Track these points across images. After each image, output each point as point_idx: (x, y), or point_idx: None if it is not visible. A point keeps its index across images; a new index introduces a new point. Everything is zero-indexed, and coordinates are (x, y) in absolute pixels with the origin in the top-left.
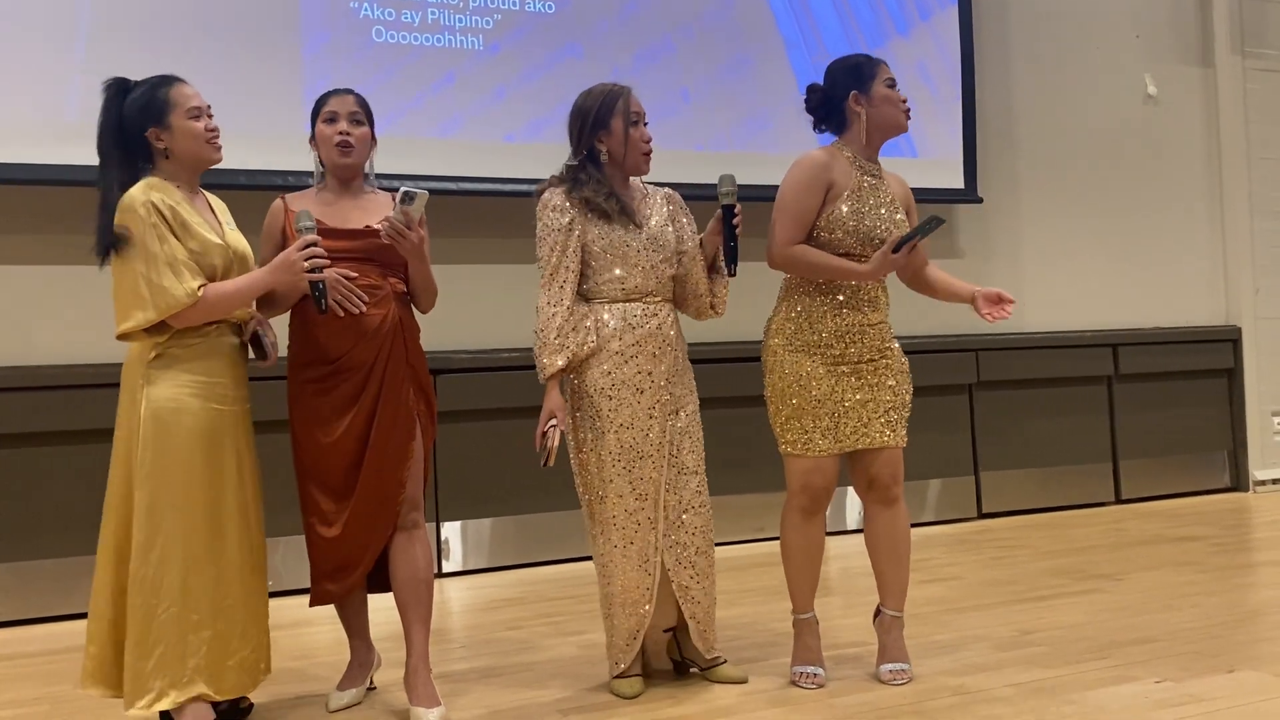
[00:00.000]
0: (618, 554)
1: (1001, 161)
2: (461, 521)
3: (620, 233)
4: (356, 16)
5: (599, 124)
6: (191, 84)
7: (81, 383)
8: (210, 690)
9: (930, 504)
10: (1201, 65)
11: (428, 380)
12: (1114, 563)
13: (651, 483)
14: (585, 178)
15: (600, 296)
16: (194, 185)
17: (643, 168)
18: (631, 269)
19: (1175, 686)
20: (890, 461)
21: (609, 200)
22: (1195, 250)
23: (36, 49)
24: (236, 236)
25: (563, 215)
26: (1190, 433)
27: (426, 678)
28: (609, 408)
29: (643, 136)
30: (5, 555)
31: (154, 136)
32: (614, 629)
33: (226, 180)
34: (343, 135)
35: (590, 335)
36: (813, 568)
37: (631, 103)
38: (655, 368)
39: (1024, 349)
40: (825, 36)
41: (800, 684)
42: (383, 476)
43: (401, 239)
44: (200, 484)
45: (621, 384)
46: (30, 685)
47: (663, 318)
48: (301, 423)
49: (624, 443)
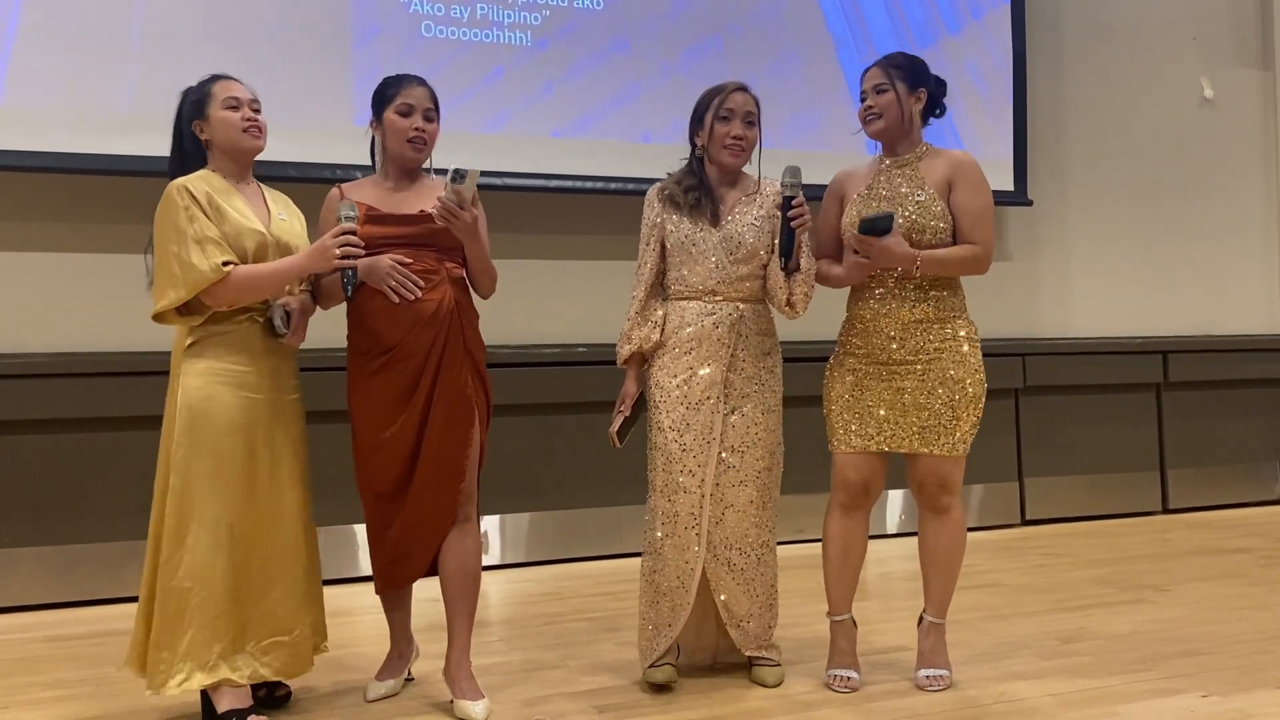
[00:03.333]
0: (658, 544)
1: (1052, 163)
2: (500, 516)
3: (693, 229)
4: (406, 11)
5: (697, 121)
6: (243, 81)
7: (132, 369)
8: (235, 676)
9: (974, 509)
10: (1260, 68)
11: (484, 366)
12: (1160, 573)
13: (694, 478)
14: (683, 172)
15: (672, 293)
16: (242, 175)
17: (727, 161)
18: (698, 267)
19: (1222, 701)
20: (934, 470)
21: (687, 194)
22: (1250, 257)
23: (93, 41)
24: (286, 227)
25: (650, 209)
26: (1241, 442)
27: (469, 671)
28: (660, 400)
29: (729, 132)
30: (54, 538)
31: (198, 129)
32: (645, 619)
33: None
34: (418, 131)
35: (655, 330)
36: (849, 567)
37: (728, 99)
38: (705, 367)
39: (1072, 354)
40: (874, 35)
41: (834, 687)
42: (442, 463)
43: (455, 219)
44: (230, 472)
45: (670, 379)
46: (76, 666)
47: (720, 317)
48: (360, 411)
49: (668, 437)
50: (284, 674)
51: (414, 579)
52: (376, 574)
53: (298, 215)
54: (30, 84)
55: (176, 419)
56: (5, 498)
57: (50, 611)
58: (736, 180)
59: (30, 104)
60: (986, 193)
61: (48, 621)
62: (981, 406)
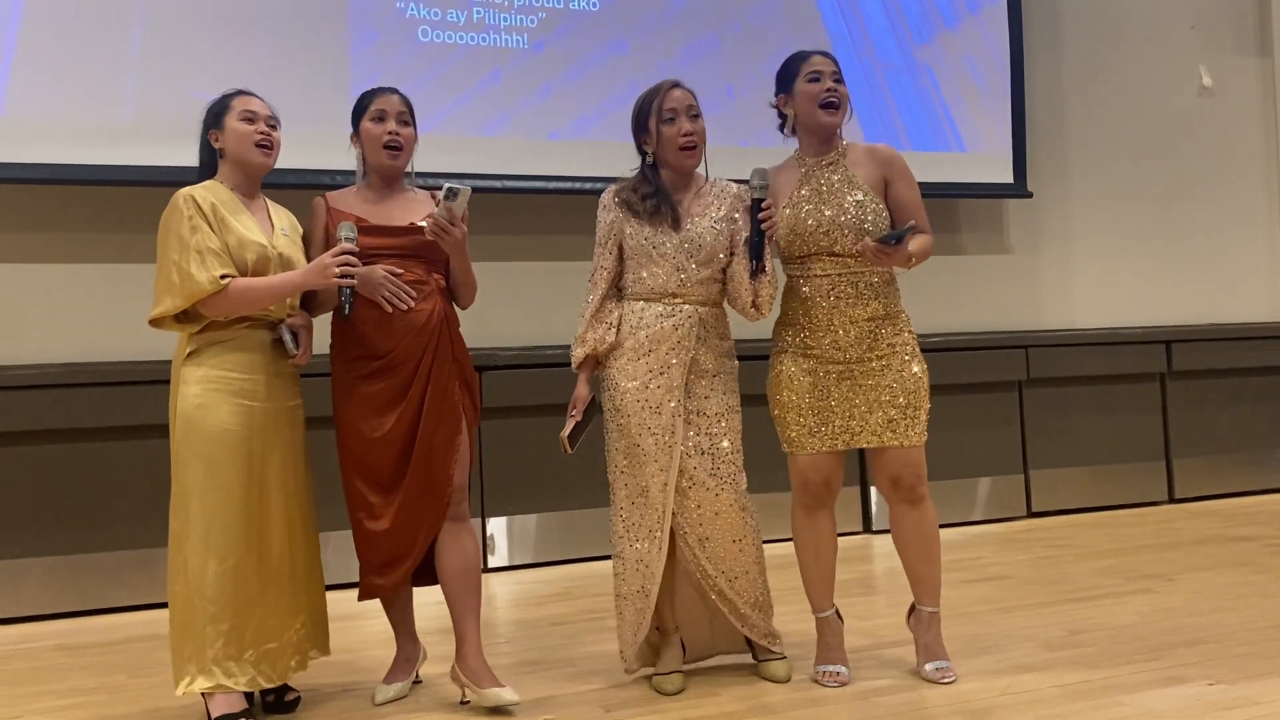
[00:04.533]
0: (621, 545)
1: (1052, 155)
2: (507, 517)
3: (652, 233)
4: (403, 16)
5: (640, 128)
6: (262, 98)
7: (142, 379)
8: (228, 681)
9: (979, 502)
10: (1259, 56)
11: (472, 374)
12: (1166, 563)
13: (655, 479)
14: (637, 178)
15: (630, 294)
16: (250, 189)
17: (685, 163)
18: (657, 269)
19: (1228, 689)
20: (908, 461)
21: (644, 201)
22: (1251, 245)
23: (93, 53)
24: (287, 243)
25: (607, 213)
26: (1246, 431)
27: (486, 662)
28: (618, 403)
29: (679, 131)
30: (66, 547)
31: (214, 138)
32: (620, 623)
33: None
34: (391, 135)
35: (610, 331)
36: (823, 565)
37: (667, 99)
38: (666, 368)
39: (1075, 345)
40: (871, 31)
41: (823, 683)
42: (431, 470)
43: (445, 235)
44: (224, 479)
45: (630, 383)
46: (87, 675)
47: (681, 319)
48: (348, 418)
49: (629, 439)
50: (275, 680)
51: (396, 588)
52: (361, 580)
53: (299, 232)
54: (30, 96)
55: (175, 426)
56: (17, 507)
57: (62, 620)
58: (689, 181)
59: (31, 116)
60: (915, 181)
61: (59, 630)
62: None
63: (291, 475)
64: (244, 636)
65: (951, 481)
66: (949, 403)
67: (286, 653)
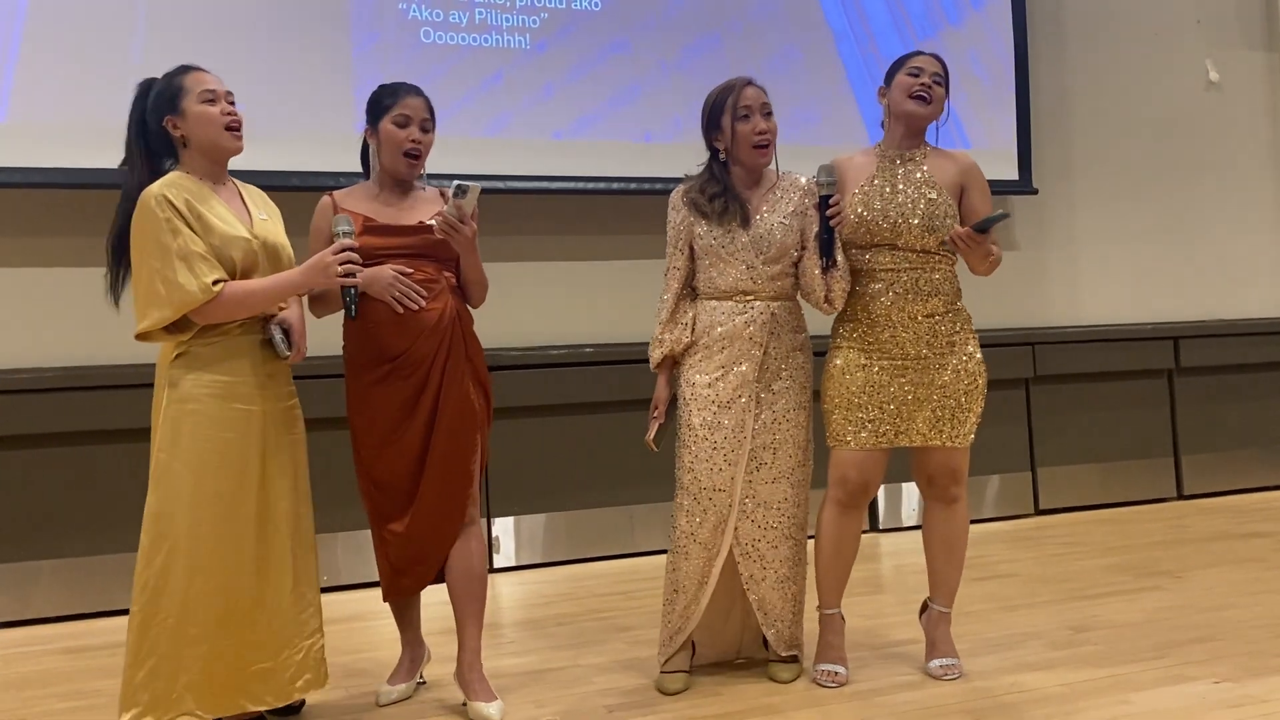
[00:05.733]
0: (682, 541)
1: (1057, 151)
2: (513, 517)
3: (721, 232)
4: (405, 17)
5: (712, 125)
6: (213, 73)
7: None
8: (200, 709)
9: (987, 500)
10: (1266, 50)
11: (486, 373)
12: (1175, 560)
13: (723, 477)
14: (705, 177)
15: (703, 293)
16: (218, 176)
17: (758, 161)
18: (728, 268)
19: (1234, 687)
20: (947, 462)
21: (712, 201)
22: (1259, 240)
23: (93, 56)
24: (268, 227)
25: (676, 213)
26: (1255, 427)
27: (482, 673)
28: (690, 399)
29: (753, 129)
30: (72, 550)
31: (171, 125)
32: (665, 615)
33: (278, 182)
34: (414, 144)
35: (685, 331)
36: (843, 563)
37: (742, 97)
38: (737, 365)
39: (1082, 342)
40: (875, 28)
41: (821, 682)
42: (449, 471)
43: (455, 233)
44: (213, 489)
45: (701, 378)
46: (93, 677)
47: (753, 316)
48: (364, 423)
49: (698, 435)
50: (268, 703)
51: (421, 586)
52: (383, 581)
53: (275, 212)
54: (34, 100)
55: (159, 432)
56: (23, 511)
57: (68, 623)
58: (759, 178)
59: (34, 120)
60: (990, 194)
61: (66, 633)
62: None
63: (298, 480)
64: (227, 659)
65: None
66: None
67: (286, 672)
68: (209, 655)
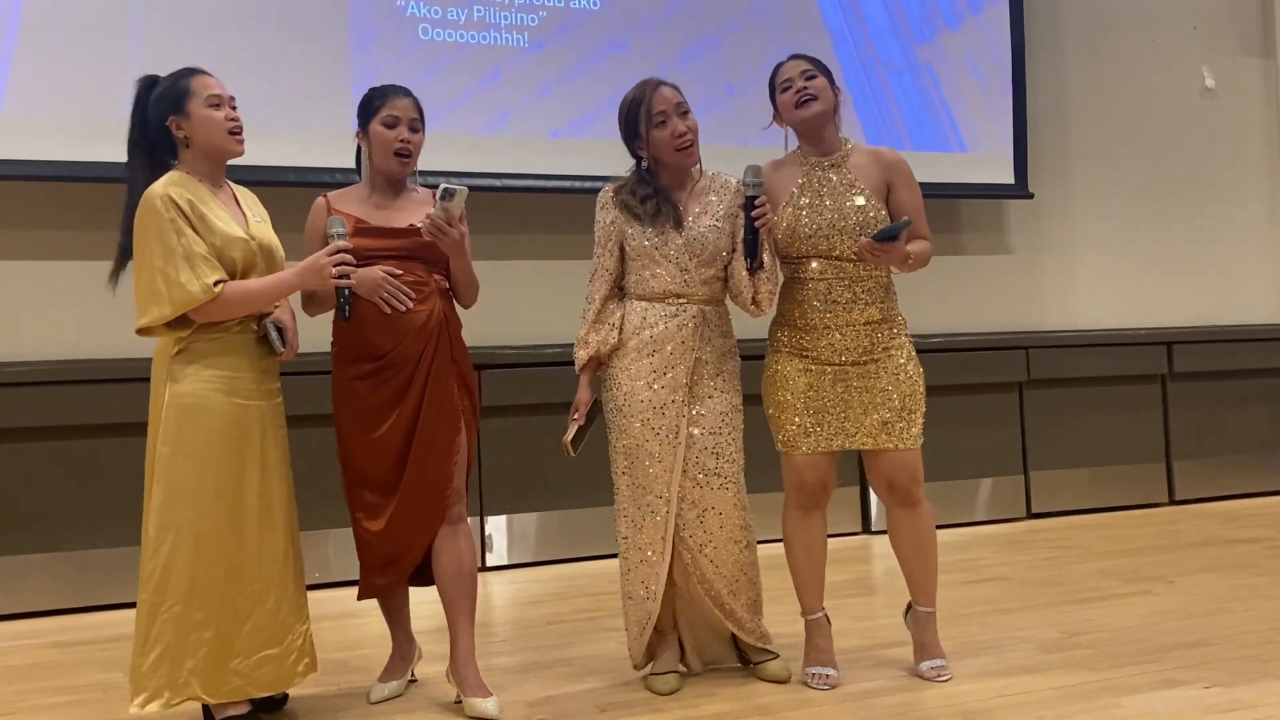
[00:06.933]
0: (625, 545)
1: (1053, 156)
2: (506, 516)
3: (655, 235)
4: (403, 15)
5: (631, 133)
6: (216, 77)
7: (139, 375)
8: (206, 694)
9: (979, 503)
10: (1262, 56)
11: (471, 375)
12: (1166, 565)
13: (659, 480)
14: (634, 179)
15: (633, 294)
16: (217, 178)
17: (683, 163)
18: (660, 270)
19: (1225, 692)
20: (904, 465)
21: (644, 204)
22: (1253, 247)
23: (90, 48)
24: (263, 229)
25: (606, 213)
26: (1247, 433)
27: (476, 668)
28: (622, 403)
29: (673, 133)
30: (63, 545)
31: (174, 125)
32: (626, 622)
33: (275, 178)
34: (404, 143)
35: (613, 332)
36: (815, 565)
37: (655, 102)
38: (670, 367)
39: (1076, 347)
40: (872, 30)
41: (812, 685)
42: (429, 471)
43: (443, 235)
44: (216, 480)
45: (634, 381)
46: (84, 672)
47: (685, 318)
48: (347, 419)
49: (632, 438)
50: (273, 688)
51: (395, 586)
52: (361, 579)
53: (265, 214)
54: (30, 93)
55: (161, 425)
56: (13, 505)
57: (59, 617)
58: (686, 178)
59: (30, 113)
60: (918, 186)
61: (56, 627)
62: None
63: (283, 474)
64: (232, 645)
65: (952, 482)
66: (949, 403)
67: (290, 657)
68: (214, 641)
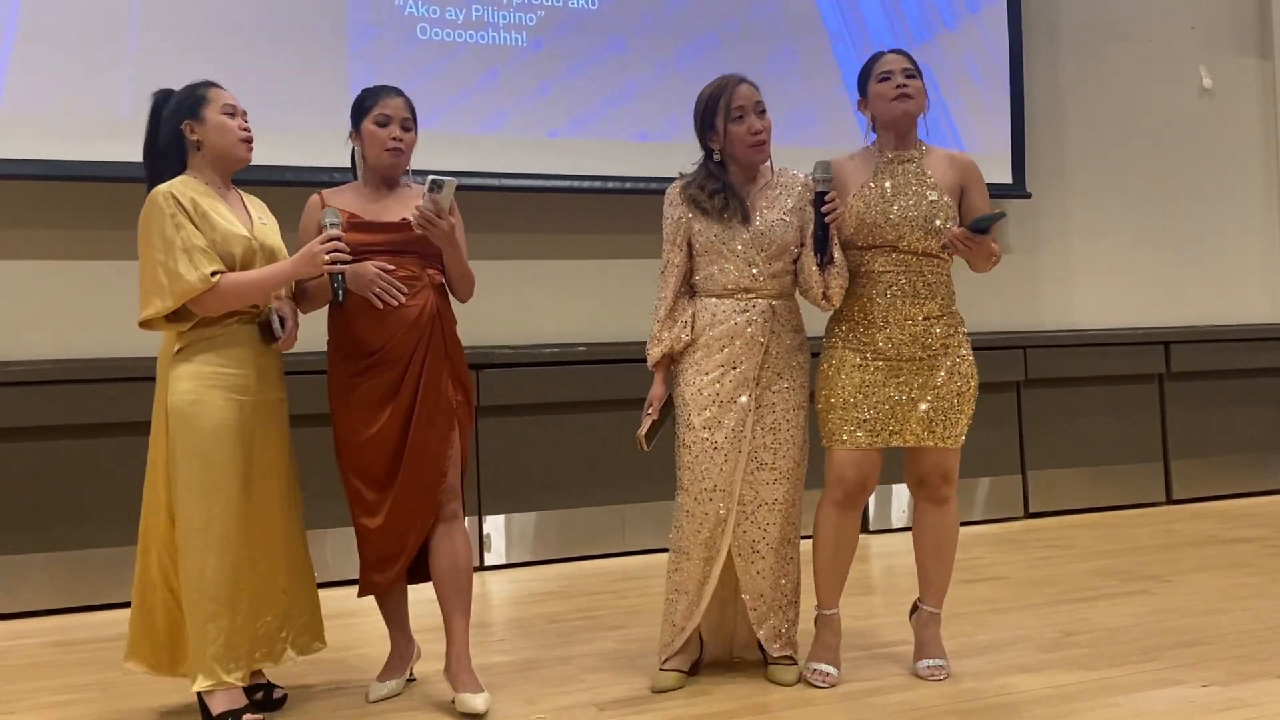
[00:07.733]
0: (684, 543)
1: (1050, 156)
2: (504, 515)
3: (722, 229)
4: (401, 14)
5: (706, 126)
6: (230, 90)
7: (137, 374)
8: (229, 679)
9: (977, 503)
10: (1259, 57)
11: (465, 371)
12: (1163, 564)
13: (723, 476)
14: (702, 174)
15: (702, 290)
16: (225, 182)
17: (755, 159)
18: (728, 265)
19: (1222, 691)
20: (939, 463)
21: (712, 198)
22: (1250, 247)
23: (89, 48)
24: (266, 232)
25: (674, 209)
26: (1244, 432)
27: (469, 666)
28: (690, 399)
29: (749, 129)
30: (61, 544)
31: (188, 129)
32: (668, 616)
33: (273, 177)
34: (395, 141)
35: (685, 330)
36: (841, 563)
37: (735, 97)
38: (738, 364)
39: (1073, 346)
40: (871, 30)
41: (812, 681)
42: (423, 466)
43: (432, 227)
44: (219, 475)
45: (702, 377)
46: (82, 671)
47: (754, 314)
48: (342, 415)
49: (699, 435)
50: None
51: (392, 584)
52: (360, 576)
53: (273, 221)
54: (28, 92)
55: (166, 423)
56: (12, 503)
57: (57, 617)
58: (756, 174)
59: (28, 111)
60: (988, 193)
61: (54, 627)
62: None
63: (287, 468)
64: (249, 632)
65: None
66: None
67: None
68: (229, 629)
